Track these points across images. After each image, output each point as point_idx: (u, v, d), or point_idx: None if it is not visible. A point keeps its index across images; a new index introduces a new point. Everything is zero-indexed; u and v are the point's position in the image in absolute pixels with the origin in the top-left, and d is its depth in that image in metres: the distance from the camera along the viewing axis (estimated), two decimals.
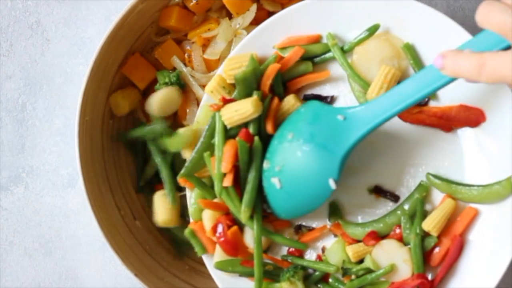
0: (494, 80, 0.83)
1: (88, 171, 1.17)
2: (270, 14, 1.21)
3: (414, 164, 1.08)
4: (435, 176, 1.06)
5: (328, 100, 1.09)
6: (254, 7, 1.18)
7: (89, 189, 1.16)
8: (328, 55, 1.09)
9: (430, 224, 1.04)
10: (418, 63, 1.06)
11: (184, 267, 1.25)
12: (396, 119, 1.07)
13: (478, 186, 1.04)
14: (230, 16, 1.20)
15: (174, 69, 1.22)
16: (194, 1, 1.18)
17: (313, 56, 1.10)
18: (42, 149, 1.34)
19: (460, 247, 1.05)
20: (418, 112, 1.06)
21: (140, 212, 1.26)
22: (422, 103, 1.07)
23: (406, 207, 1.06)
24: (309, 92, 1.11)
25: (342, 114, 1.00)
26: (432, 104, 1.07)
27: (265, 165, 1.05)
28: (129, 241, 1.21)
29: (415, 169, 1.08)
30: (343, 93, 1.10)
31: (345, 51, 1.08)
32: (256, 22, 1.18)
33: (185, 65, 1.21)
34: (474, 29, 1.34)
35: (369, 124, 0.99)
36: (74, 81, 1.34)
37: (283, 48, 1.09)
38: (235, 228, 1.08)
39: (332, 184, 1.00)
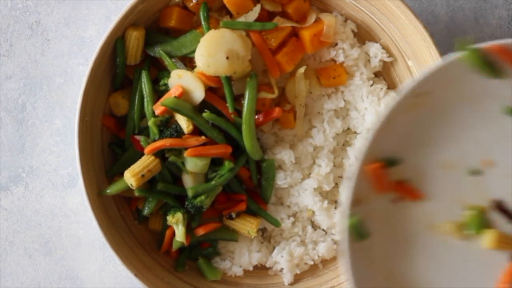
0: None
1: (88, 171, 1.17)
2: (271, 14, 1.21)
3: None
4: None
5: None
6: (258, 7, 1.18)
7: (89, 189, 1.16)
8: None
9: None
10: None
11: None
12: None
13: None
14: (230, 16, 1.20)
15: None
16: (194, 1, 1.18)
17: None
18: (42, 149, 1.34)
19: None
20: None
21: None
22: None
23: None
24: None
25: None
26: None
27: None
28: (129, 241, 1.21)
29: None
30: None
31: None
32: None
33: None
34: (473, 28, 1.34)
35: None
36: (74, 81, 1.34)
37: None
38: None
39: None
